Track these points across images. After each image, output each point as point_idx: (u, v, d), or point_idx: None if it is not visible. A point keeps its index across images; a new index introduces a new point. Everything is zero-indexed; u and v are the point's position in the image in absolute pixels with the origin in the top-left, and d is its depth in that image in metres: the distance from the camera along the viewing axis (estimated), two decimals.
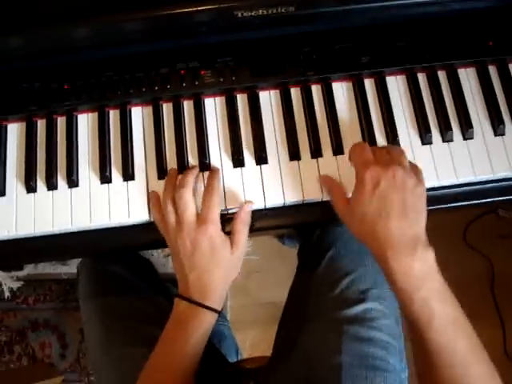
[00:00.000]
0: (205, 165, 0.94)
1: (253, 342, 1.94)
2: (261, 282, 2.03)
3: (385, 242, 0.78)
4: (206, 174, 0.94)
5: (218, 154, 0.95)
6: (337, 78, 0.98)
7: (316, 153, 0.94)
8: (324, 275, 1.10)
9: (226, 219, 0.92)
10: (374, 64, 0.97)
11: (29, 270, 2.05)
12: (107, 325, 1.11)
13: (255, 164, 0.94)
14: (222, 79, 0.96)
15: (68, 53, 0.97)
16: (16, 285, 2.05)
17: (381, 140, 0.95)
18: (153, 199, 0.92)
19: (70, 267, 2.03)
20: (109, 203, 0.93)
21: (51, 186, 0.95)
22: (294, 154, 0.94)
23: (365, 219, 0.80)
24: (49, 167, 0.95)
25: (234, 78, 0.96)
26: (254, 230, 0.95)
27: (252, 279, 2.05)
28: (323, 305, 1.06)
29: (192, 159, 0.95)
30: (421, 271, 0.76)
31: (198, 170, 0.93)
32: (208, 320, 0.88)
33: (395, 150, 0.85)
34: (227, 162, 0.95)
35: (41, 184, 0.95)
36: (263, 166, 0.94)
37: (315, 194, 0.92)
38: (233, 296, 2.03)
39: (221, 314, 1.64)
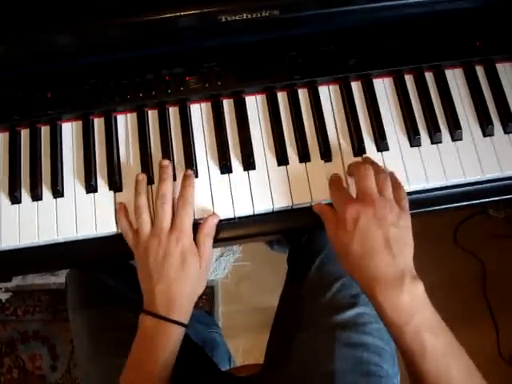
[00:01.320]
0: (195, 171, 0.93)
1: (245, 349, 1.93)
2: (252, 288, 2.02)
3: (371, 277, 0.78)
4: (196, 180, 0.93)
5: (205, 160, 0.94)
6: (323, 81, 0.98)
7: (304, 157, 0.93)
8: (314, 280, 1.09)
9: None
10: (360, 66, 0.97)
11: (17, 280, 2.03)
12: (96, 335, 1.10)
13: (243, 170, 0.93)
14: (207, 85, 0.95)
15: (50, 60, 0.95)
16: (5, 296, 2.04)
17: (369, 142, 0.94)
18: (120, 208, 0.91)
19: (59, 277, 2.01)
20: (94, 213, 0.91)
21: (36, 196, 0.93)
22: (282, 159, 0.93)
23: (349, 256, 0.80)
24: (33, 177, 0.94)
25: (219, 84, 0.95)
26: (243, 237, 0.94)
27: (243, 285, 2.04)
28: (315, 311, 1.05)
29: (179, 166, 0.93)
30: (410, 304, 0.76)
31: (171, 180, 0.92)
32: (176, 334, 0.87)
33: (382, 179, 0.84)
34: (214, 169, 0.94)
35: (25, 195, 0.94)
36: (251, 172, 0.93)
37: (304, 199, 0.90)
38: (224, 302, 2.03)
39: (212, 322, 1.63)
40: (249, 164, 0.93)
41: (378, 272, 0.77)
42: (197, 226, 0.89)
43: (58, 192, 0.93)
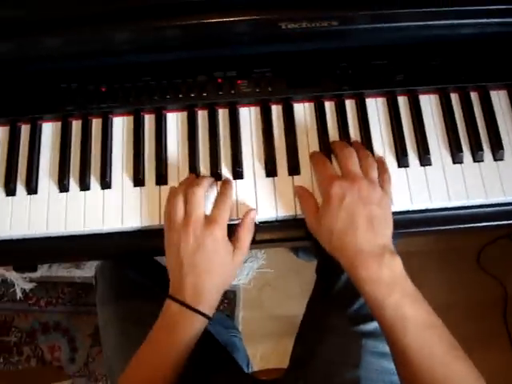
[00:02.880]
0: (238, 173, 0.95)
1: (263, 355, 1.94)
2: (273, 295, 2.03)
3: (353, 253, 0.80)
4: (239, 182, 0.95)
5: (251, 162, 0.96)
6: (371, 93, 0.99)
7: None
8: (343, 290, 1.11)
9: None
10: (408, 82, 0.98)
11: (42, 271, 2.05)
12: (124, 331, 1.11)
13: (288, 175, 0.95)
14: (258, 89, 0.97)
15: (106, 56, 0.98)
16: (29, 286, 2.06)
17: (412, 156, 0.96)
18: (169, 193, 0.91)
19: (84, 271, 2.03)
20: (140, 206, 0.94)
21: (84, 186, 0.96)
22: None
23: (333, 233, 0.82)
24: (82, 168, 0.96)
25: (270, 89, 0.97)
26: (282, 240, 0.96)
27: (265, 292, 2.05)
28: (342, 318, 1.06)
29: (225, 167, 0.96)
30: (390, 277, 0.78)
31: (213, 179, 0.94)
32: (198, 325, 0.87)
33: (365, 158, 0.88)
34: (260, 171, 0.95)
35: (73, 184, 0.96)
36: (296, 177, 0.95)
37: None
38: (245, 308, 2.04)
39: (232, 326, 1.64)
40: (294, 169, 0.95)
41: (360, 248, 0.80)
42: (232, 226, 0.90)
43: (105, 184, 0.95)
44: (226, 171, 0.96)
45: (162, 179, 0.95)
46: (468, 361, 0.77)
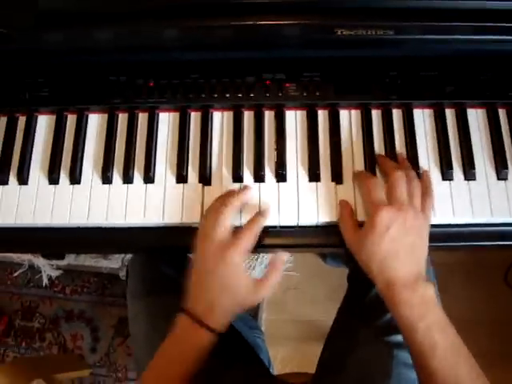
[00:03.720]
0: (282, 175, 0.95)
1: (283, 358, 1.94)
2: (297, 299, 2.03)
3: (390, 277, 0.82)
4: (282, 184, 0.94)
5: (295, 166, 0.96)
6: (419, 104, 0.99)
7: None
8: (376, 300, 1.10)
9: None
10: (456, 95, 0.98)
11: (69, 260, 2.07)
12: (154, 325, 1.12)
13: (330, 180, 0.95)
14: (305, 93, 0.97)
15: (157, 51, 0.99)
16: (55, 273, 2.07)
17: (457, 169, 0.95)
18: (208, 208, 0.91)
19: (111, 262, 2.04)
20: (182, 203, 0.94)
21: (127, 179, 0.97)
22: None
23: (373, 258, 0.84)
24: (126, 162, 0.97)
25: (317, 94, 0.97)
26: (308, 246, 0.98)
27: (289, 295, 2.05)
28: (374, 328, 1.06)
29: (268, 168, 0.96)
30: (422, 303, 0.80)
31: (251, 192, 0.93)
32: (207, 340, 0.87)
33: (414, 185, 0.88)
34: (303, 175, 0.95)
35: (116, 176, 0.97)
36: (338, 186, 0.95)
37: None
38: (269, 310, 2.03)
39: (256, 326, 1.64)
40: (337, 176, 0.95)
41: (397, 273, 0.82)
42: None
43: (149, 178, 0.96)
44: (269, 173, 0.95)
45: (205, 178, 0.96)
46: (485, 379, 0.79)
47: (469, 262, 1.97)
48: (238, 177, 0.95)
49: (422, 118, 0.99)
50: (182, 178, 0.96)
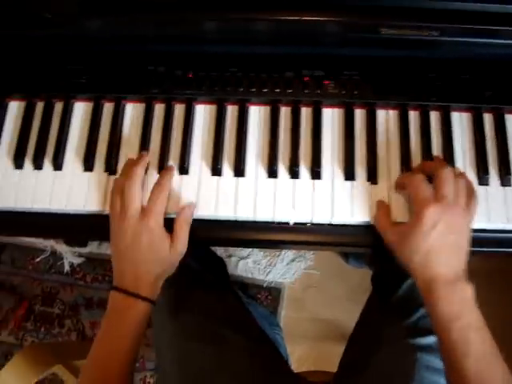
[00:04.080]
0: (317, 173, 0.95)
1: (300, 356, 1.94)
2: (317, 297, 2.03)
3: (432, 274, 0.82)
4: (317, 182, 0.94)
5: (330, 163, 0.96)
6: (457, 107, 0.98)
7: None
8: (401, 301, 1.10)
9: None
10: (495, 99, 0.97)
11: (92, 248, 2.08)
12: (177, 317, 1.12)
13: (366, 180, 0.95)
14: (343, 91, 0.97)
15: (197, 43, 0.99)
16: (77, 260, 2.08)
17: (493, 175, 0.95)
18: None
19: None
20: (217, 195, 0.95)
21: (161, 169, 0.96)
22: None
23: (417, 254, 0.83)
24: (162, 151, 0.98)
25: (355, 92, 0.97)
26: (341, 245, 0.98)
27: (309, 293, 2.04)
28: (398, 330, 1.06)
29: (303, 165, 0.96)
30: (461, 302, 0.80)
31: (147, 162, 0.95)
32: (142, 310, 0.89)
33: (460, 184, 0.86)
34: (338, 173, 0.95)
35: (152, 167, 0.98)
36: (373, 186, 0.95)
37: None
38: (288, 307, 2.04)
39: (275, 323, 1.64)
40: (373, 176, 0.95)
41: (440, 269, 0.81)
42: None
43: (184, 170, 0.96)
44: (304, 170, 0.95)
45: (239, 171, 0.95)
46: None
47: (493, 266, 1.96)
48: (272, 172, 0.95)
49: (460, 122, 0.98)
50: (217, 170, 0.95)
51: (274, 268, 2.05)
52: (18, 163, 0.99)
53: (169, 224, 0.91)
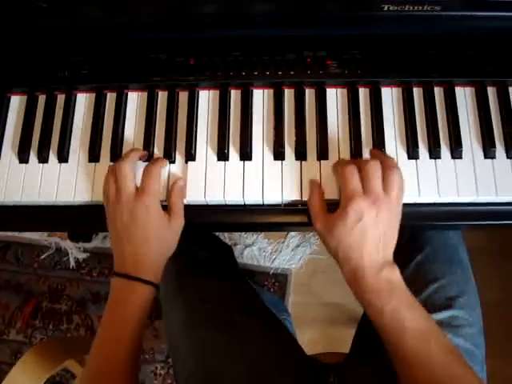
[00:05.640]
0: (323, 154, 0.94)
1: (310, 341, 1.94)
2: (324, 282, 2.03)
3: (355, 266, 0.82)
4: (324, 162, 0.94)
5: (336, 144, 0.96)
6: (460, 82, 0.98)
7: (435, 153, 0.94)
8: (411, 278, 1.10)
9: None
10: (498, 73, 0.97)
11: (96, 242, 2.08)
12: (189, 306, 1.13)
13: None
14: (346, 71, 0.97)
15: (196, 28, 0.98)
16: (82, 256, 2.09)
17: (499, 148, 0.95)
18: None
19: None
20: (224, 180, 0.94)
21: (168, 157, 0.97)
22: (413, 154, 0.95)
23: (341, 244, 0.83)
24: (168, 139, 0.97)
25: (358, 72, 0.97)
26: None
27: (316, 278, 2.05)
28: None
29: (310, 145, 0.96)
30: (388, 287, 0.81)
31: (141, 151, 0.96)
32: (145, 294, 0.89)
33: (390, 177, 0.85)
34: (346, 154, 0.95)
35: (157, 155, 0.97)
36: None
37: (432, 194, 0.92)
38: (295, 292, 2.04)
39: (284, 308, 1.64)
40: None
41: (363, 261, 0.82)
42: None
43: (190, 156, 0.96)
44: (311, 151, 0.95)
45: (246, 155, 0.95)
46: (467, 365, 0.79)
47: (494, 245, 1.96)
48: (279, 154, 0.95)
49: (464, 96, 0.98)
50: (223, 155, 0.95)
51: (280, 254, 2.05)
52: (23, 157, 0.99)
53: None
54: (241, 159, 0.95)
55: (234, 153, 0.96)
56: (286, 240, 2.06)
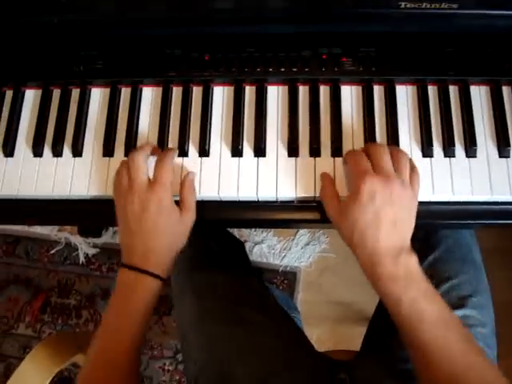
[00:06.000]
0: (337, 150, 0.94)
1: (319, 339, 1.94)
2: (333, 280, 2.03)
3: (372, 251, 0.80)
4: (338, 159, 0.94)
5: (351, 140, 0.95)
6: (475, 81, 0.98)
7: (449, 152, 0.94)
8: None
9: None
10: None
11: (106, 238, 2.09)
12: (201, 301, 1.13)
13: None
14: (361, 68, 0.97)
15: (212, 24, 0.98)
16: (92, 251, 2.09)
17: None
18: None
19: None
20: (238, 177, 0.94)
21: (182, 152, 0.97)
22: (427, 152, 0.94)
23: (355, 228, 0.81)
24: (182, 134, 0.97)
25: (373, 69, 0.97)
26: None
27: (325, 276, 2.05)
28: None
29: (324, 142, 0.95)
30: (406, 275, 0.78)
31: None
32: (152, 288, 0.88)
33: (400, 158, 0.85)
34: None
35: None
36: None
37: (446, 192, 0.92)
38: (304, 290, 2.04)
39: (293, 306, 1.64)
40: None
41: (380, 246, 0.79)
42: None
43: (204, 152, 0.96)
44: (324, 147, 0.95)
45: (260, 151, 0.95)
46: (485, 355, 0.78)
47: (505, 244, 1.96)
48: (292, 150, 0.95)
49: (479, 95, 0.98)
50: (237, 151, 0.95)
51: (289, 252, 2.05)
52: (37, 151, 0.99)
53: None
54: (255, 155, 0.95)
55: (248, 149, 0.96)
56: (296, 238, 2.06)
